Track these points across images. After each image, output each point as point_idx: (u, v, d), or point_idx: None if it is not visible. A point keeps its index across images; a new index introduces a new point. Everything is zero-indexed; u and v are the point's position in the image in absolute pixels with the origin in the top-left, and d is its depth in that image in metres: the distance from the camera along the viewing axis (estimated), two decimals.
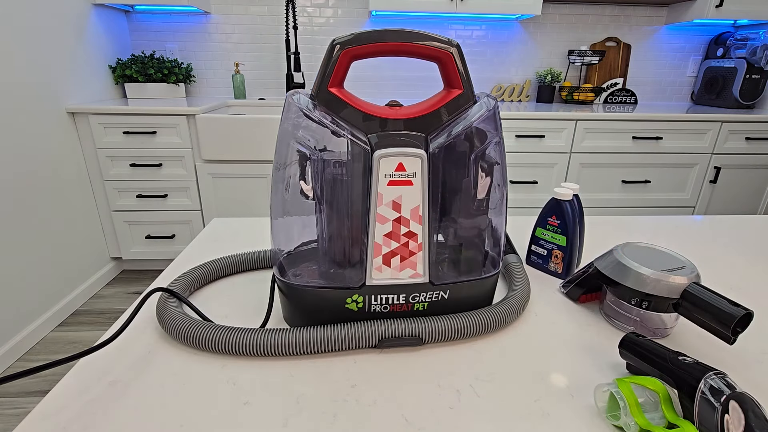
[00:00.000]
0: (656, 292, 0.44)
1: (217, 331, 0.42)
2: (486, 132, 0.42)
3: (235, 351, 0.41)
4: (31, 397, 1.31)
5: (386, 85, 2.37)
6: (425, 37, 0.39)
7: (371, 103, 0.42)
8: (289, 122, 0.41)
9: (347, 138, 0.39)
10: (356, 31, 0.39)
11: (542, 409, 0.37)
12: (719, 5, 2.00)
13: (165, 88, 2.12)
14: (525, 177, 1.96)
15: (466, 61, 0.40)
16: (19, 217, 1.48)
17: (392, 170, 0.40)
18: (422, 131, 0.40)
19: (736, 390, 0.30)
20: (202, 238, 0.70)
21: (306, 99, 0.40)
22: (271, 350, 0.41)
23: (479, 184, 0.43)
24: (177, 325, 0.43)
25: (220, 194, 1.88)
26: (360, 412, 0.36)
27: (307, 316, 0.46)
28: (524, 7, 1.98)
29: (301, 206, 0.44)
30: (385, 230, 0.41)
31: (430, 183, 0.41)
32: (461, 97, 0.41)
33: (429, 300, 0.45)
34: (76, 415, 0.35)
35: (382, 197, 0.40)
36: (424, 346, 0.45)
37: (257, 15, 2.20)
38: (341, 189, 0.42)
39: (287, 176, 0.42)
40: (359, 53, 0.39)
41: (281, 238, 0.46)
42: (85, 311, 1.78)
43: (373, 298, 0.44)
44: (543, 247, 0.61)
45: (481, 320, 0.45)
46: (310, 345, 0.42)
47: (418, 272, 0.43)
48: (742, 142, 1.97)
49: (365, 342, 0.43)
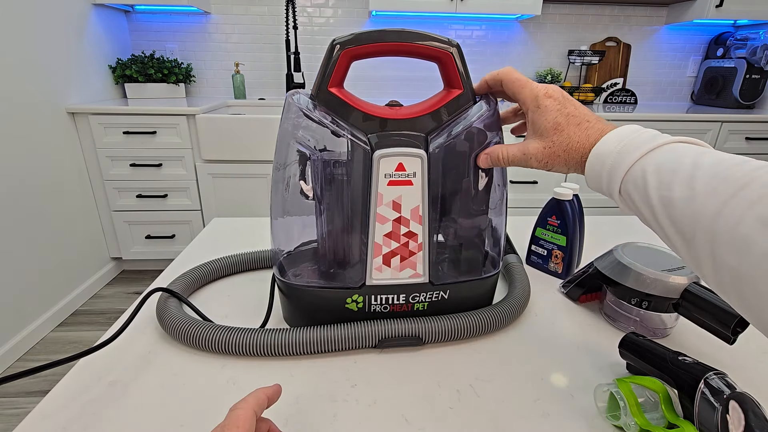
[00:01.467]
0: (656, 292, 0.44)
1: (216, 331, 0.42)
2: (486, 132, 0.42)
3: (234, 351, 0.41)
4: (31, 397, 1.31)
5: (387, 85, 2.37)
6: (425, 37, 0.39)
7: (371, 103, 0.41)
8: (289, 122, 0.40)
9: (347, 138, 0.39)
10: (356, 31, 0.39)
11: (542, 409, 0.37)
12: (719, 5, 2.00)
13: (165, 88, 2.12)
14: (525, 177, 1.96)
15: (466, 61, 0.40)
16: (19, 217, 1.48)
17: (392, 170, 0.39)
18: (422, 131, 0.40)
19: (736, 390, 0.30)
20: (202, 238, 0.70)
21: (306, 99, 0.40)
22: (270, 350, 0.41)
23: (479, 184, 0.43)
24: (177, 325, 0.43)
25: (220, 194, 1.88)
26: (360, 412, 0.36)
27: (307, 316, 0.46)
28: (524, 7, 1.97)
29: (301, 206, 0.44)
30: (385, 230, 0.41)
31: (430, 183, 0.41)
32: (461, 97, 0.41)
33: (429, 300, 0.45)
34: (76, 415, 0.35)
35: (382, 197, 0.40)
36: (424, 346, 0.45)
37: (257, 15, 2.20)
38: (341, 189, 0.42)
39: (287, 176, 0.42)
40: (359, 53, 0.39)
41: (281, 238, 0.46)
42: (85, 311, 1.78)
43: (373, 298, 0.44)
44: (543, 247, 0.61)
45: (480, 320, 0.45)
46: (310, 345, 0.42)
47: (418, 272, 0.43)
48: (742, 142, 1.97)
49: (365, 342, 0.43)
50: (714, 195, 0.24)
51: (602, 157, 0.31)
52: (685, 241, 0.26)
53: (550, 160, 0.35)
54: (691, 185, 0.25)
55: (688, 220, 0.25)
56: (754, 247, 0.22)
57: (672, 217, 0.26)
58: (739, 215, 0.22)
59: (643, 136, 0.30)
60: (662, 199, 0.27)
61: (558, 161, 0.35)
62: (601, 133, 0.32)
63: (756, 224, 0.22)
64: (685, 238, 0.26)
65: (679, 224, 0.26)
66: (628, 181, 0.29)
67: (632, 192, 0.29)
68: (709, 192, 0.24)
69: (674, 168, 0.27)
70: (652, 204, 0.27)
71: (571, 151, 0.33)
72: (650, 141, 0.29)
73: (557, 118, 0.34)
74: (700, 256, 0.25)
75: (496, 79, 0.39)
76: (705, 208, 0.24)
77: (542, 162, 0.36)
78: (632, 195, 0.29)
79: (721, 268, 0.24)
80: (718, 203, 0.24)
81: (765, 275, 0.21)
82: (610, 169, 0.30)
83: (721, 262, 0.23)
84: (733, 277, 0.23)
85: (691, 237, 0.25)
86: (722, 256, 0.23)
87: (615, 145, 0.30)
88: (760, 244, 0.21)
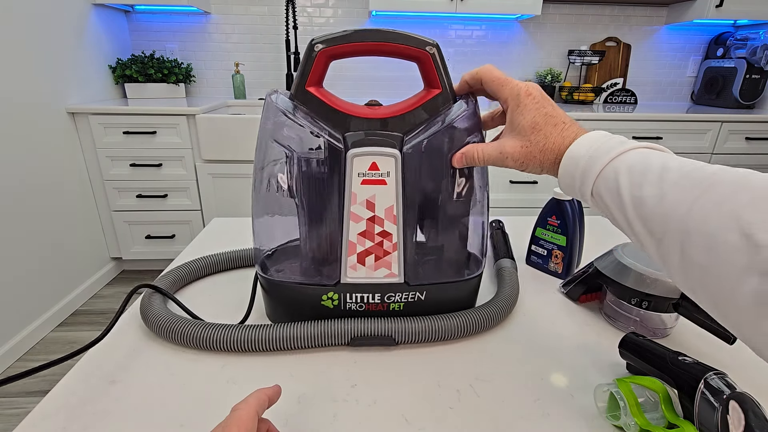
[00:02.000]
0: (656, 292, 0.44)
1: (192, 327, 0.43)
2: (465, 132, 0.41)
3: (206, 346, 0.42)
4: (31, 397, 1.31)
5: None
6: (403, 38, 0.39)
7: (350, 103, 0.42)
8: (268, 121, 0.41)
9: (322, 137, 0.40)
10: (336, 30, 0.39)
11: (542, 409, 0.37)
12: (719, 5, 2.00)
13: (165, 88, 2.12)
14: (525, 177, 1.96)
15: (445, 60, 0.40)
16: (19, 217, 1.48)
17: (366, 169, 0.40)
18: (400, 131, 0.40)
19: (736, 390, 0.30)
20: (202, 238, 0.70)
21: (285, 98, 0.41)
22: (240, 346, 0.42)
23: (456, 185, 0.43)
24: (156, 321, 0.44)
25: (220, 194, 1.88)
26: (360, 412, 0.36)
27: (286, 312, 0.46)
28: (524, 7, 1.97)
29: (281, 205, 0.44)
30: (359, 229, 0.41)
31: (405, 183, 0.40)
32: (440, 96, 0.40)
33: (405, 300, 0.45)
34: (76, 415, 0.35)
35: (356, 196, 0.40)
36: (425, 346, 0.45)
37: (257, 15, 2.20)
38: (317, 187, 0.42)
39: (267, 175, 0.43)
40: (337, 53, 0.39)
41: (262, 236, 0.47)
42: (85, 311, 1.78)
43: (348, 296, 0.45)
44: (543, 247, 0.61)
45: (456, 323, 0.44)
46: (281, 341, 0.42)
47: (393, 272, 0.43)
48: (742, 142, 1.97)
49: (337, 339, 0.43)
50: (683, 193, 0.25)
51: (576, 159, 0.32)
52: (655, 240, 0.26)
53: (526, 160, 0.35)
54: (661, 185, 0.26)
55: (659, 219, 0.26)
56: (723, 245, 0.22)
57: (642, 216, 0.27)
58: (708, 212, 0.23)
59: (613, 140, 0.31)
60: (633, 199, 0.27)
61: (533, 162, 0.35)
62: (576, 136, 0.33)
63: (725, 220, 0.22)
64: (655, 236, 0.26)
65: (650, 222, 0.26)
66: (600, 182, 0.30)
67: (604, 193, 0.30)
68: (678, 191, 0.25)
69: (644, 169, 0.27)
70: (624, 203, 0.28)
71: (546, 151, 0.34)
72: (620, 145, 0.30)
73: (536, 118, 0.34)
74: (670, 253, 0.25)
75: (475, 78, 0.39)
76: (675, 207, 0.25)
77: (518, 162, 0.35)
78: (604, 196, 0.30)
79: (690, 265, 0.24)
80: (688, 201, 0.24)
81: (732, 271, 0.21)
82: (583, 170, 0.31)
83: (689, 260, 0.24)
84: (702, 274, 0.23)
85: (662, 235, 0.26)
86: (691, 253, 0.24)
87: (587, 149, 0.31)
88: (728, 241, 0.22)
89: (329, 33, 0.39)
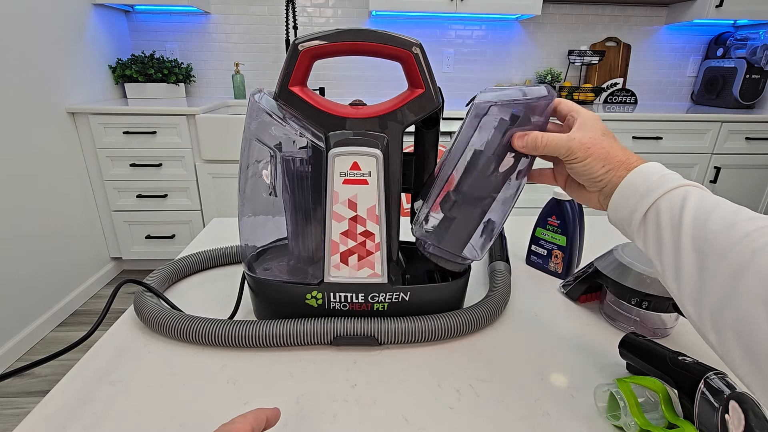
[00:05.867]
0: (656, 292, 0.44)
1: (176, 320, 0.43)
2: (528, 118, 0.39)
3: (191, 339, 0.43)
4: (31, 397, 1.31)
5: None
6: (386, 38, 0.39)
7: (334, 102, 0.42)
8: (252, 121, 0.41)
9: (305, 136, 0.40)
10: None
11: (542, 409, 0.37)
12: (719, 5, 2.00)
13: (165, 88, 2.12)
14: None
15: (429, 60, 0.40)
16: (19, 217, 1.48)
17: (347, 169, 0.40)
18: (383, 130, 0.40)
19: (736, 390, 0.30)
20: (202, 238, 0.70)
21: (268, 98, 0.41)
22: (220, 341, 0.43)
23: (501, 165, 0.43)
24: (151, 316, 0.45)
25: (220, 194, 1.88)
26: (360, 412, 0.36)
27: (271, 310, 0.47)
28: (524, 7, 1.97)
29: (266, 204, 0.45)
30: (341, 228, 0.42)
31: (387, 183, 0.41)
32: (423, 96, 0.40)
33: (389, 300, 0.45)
34: (76, 415, 0.35)
35: (338, 195, 0.40)
36: (424, 346, 0.45)
37: (257, 15, 2.20)
38: (300, 186, 0.42)
39: (251, 174, 0.43)
40: (320, 53, 0.39)
41: (248, 235, 0.47)
42: (85, 311, 1.77)
43: (331, 296, 0.45)
44: (543, 247, 0.61)
45: (437, 324, 0.44)
46: (259, 338, 0.42)
47: (376, 272, 0.43)
48: (742, 142, 1.97)
49: (319, 338, 0.43)
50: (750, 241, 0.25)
51: (646, 174, 0.32)
52: (700, 257, 0.27)
53: (593, 146, 0.35)
54: (731, 220, 0.27)
55: (716, 240, 0.26)
56: None
57: (699, 237, 0.27)
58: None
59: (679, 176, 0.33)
60: (696, 221, 0.28)
61: (600, 151, 0.35)
62: (640, 162, 0.34)
63: None
64: (704, 258, 0.27)
65: (704, 243, 0.27)
66: (665, 198, 0.30)
67: (663, 210, 0.30)
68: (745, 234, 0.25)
69: (716, 202, 0.29)
70: (682, 223, 0.29)
71: (614, 150, 0.35)
72: (688, 180, 0.32)
73: (605, 131, 0.36)
74: (719, 274, 0.26)
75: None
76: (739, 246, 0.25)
77: (584, 146, 0.35)
78: (662, 214, 0.30)
79: (745, 291, 0.24)
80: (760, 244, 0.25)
81: None
82: (652, 184, 0.32)
83: (745, 287, 0.24)
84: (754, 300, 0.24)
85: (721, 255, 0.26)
86: (748, 284, 0.24)
87: (658, 171, 0.32)
88: None
89: (313, 33, 0.39)
